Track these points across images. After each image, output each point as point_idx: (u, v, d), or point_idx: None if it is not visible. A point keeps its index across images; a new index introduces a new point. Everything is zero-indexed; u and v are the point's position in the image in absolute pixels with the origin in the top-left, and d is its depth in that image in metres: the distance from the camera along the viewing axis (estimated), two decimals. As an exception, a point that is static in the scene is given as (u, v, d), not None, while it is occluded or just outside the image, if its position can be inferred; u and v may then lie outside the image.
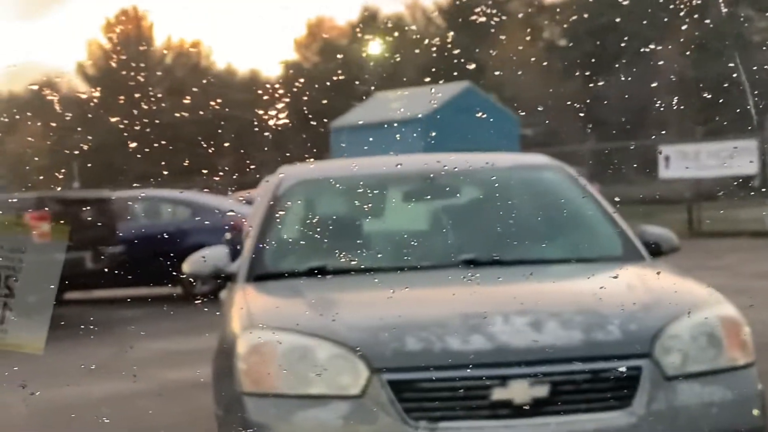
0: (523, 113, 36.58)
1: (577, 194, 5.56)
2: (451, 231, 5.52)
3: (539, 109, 39.19)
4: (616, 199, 5.92)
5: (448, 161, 6.21)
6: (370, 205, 5.72)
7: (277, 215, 5.38)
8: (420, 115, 31.11)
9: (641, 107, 33.38)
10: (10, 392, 7.13)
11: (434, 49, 50.82)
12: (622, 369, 4.00)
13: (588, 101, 37.81)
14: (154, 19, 53.96)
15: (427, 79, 41.89)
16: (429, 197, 5.89)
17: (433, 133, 27.11)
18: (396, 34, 53.96)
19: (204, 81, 52.32)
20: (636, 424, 3.91)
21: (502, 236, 5.24)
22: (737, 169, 23.02)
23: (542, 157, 6.43)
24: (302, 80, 51.82)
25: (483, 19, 53.12)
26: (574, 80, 42.83)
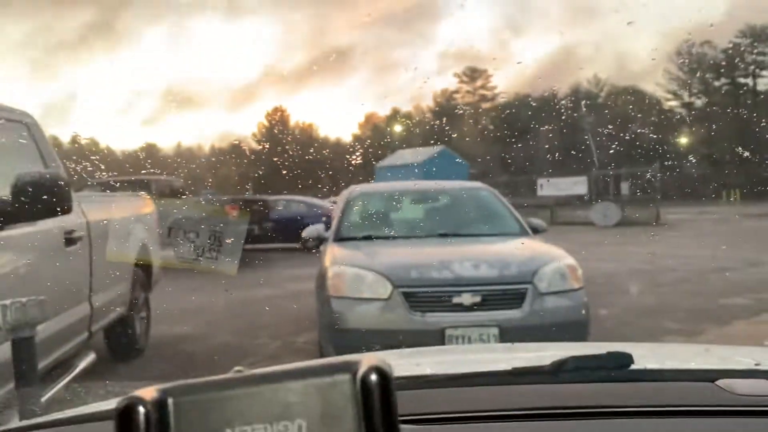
0: (471, 162, 37.08)
1: (497, 201, 5.72)
2: (433, 219, 5.62)
3: (478, 159, 39.77)
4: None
5: (433, 184, 6.49)
6: (394, 204, 5.98)
7: (346, 209, 5.53)
8: (420, 162, 31.77)
9: (528, 159, 34.57)
10: (219, 294, 7.50)
11: (427, 128, 51.76)
12: (518, 288, 4.19)
13: (503, 156, 38.41)
14: (290, 111, 57.20)
15: (422, 144, 42.86)
16: (423, 201, 6.02)
17: (426, 172, 27.76)
18: (408, 120, 55.32)
19: (316, 142, 54.35)
20: (524, 316, 4.09)
21: (459, 222, 5.42)
22: (577, 191, 25.13)
23: (480, 184, 6.52)
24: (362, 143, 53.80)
25: (450, 114, 54.14)
26: (497, 145, 43.44)
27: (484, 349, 2.32)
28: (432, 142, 42.34)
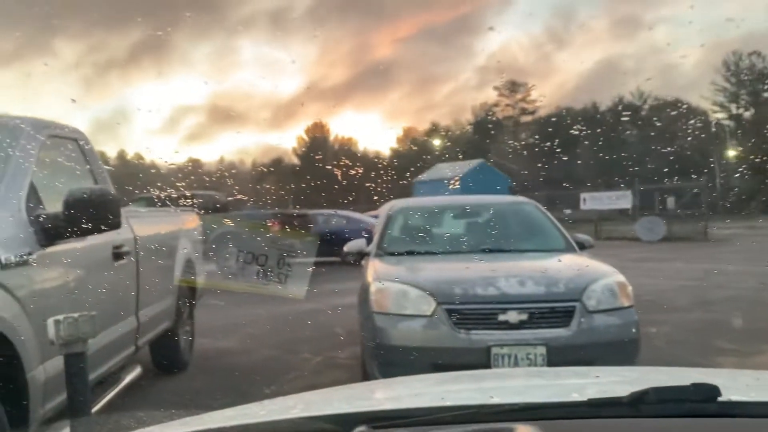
0: (510, 176, 36.84)
1: (541, 216, 5.61)
2: (476, 234, 5.53)
3: (518, 173, 39.53)
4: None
5: (475, 199, 6.42)
6: (437, 219, 5.93)
7: (388, 224, 5.48)
8: (459, 176, 31.75)
9: (569, 173, 34.34)
10: (261, 307, 7.52)
11: (466, 142, 51.74)
12: (566, 305, 4.08)
13: (544, 170, 38.06)
14: (330, 126, 58.22)
15: (461, 157, 42.74)
16: (466, 216, 5.93)
17: (466, 186, 27.66)
18: (447, 134, 55.42)
19: (355, 157, 55.09)
20: (572, 335, 3.98)
21: (503, 237, 5.32)
22: (620, 205, 24.16)
23: (523, 198, 6.42)
24: (402, 157, 54.21)
25: (490, 126, 54.06)
26: (538, 158, 43.23)
27: (537, 374, 2.22)
28: (471, 155, 42.21)
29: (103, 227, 2.95)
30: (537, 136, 51.70)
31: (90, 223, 2.87)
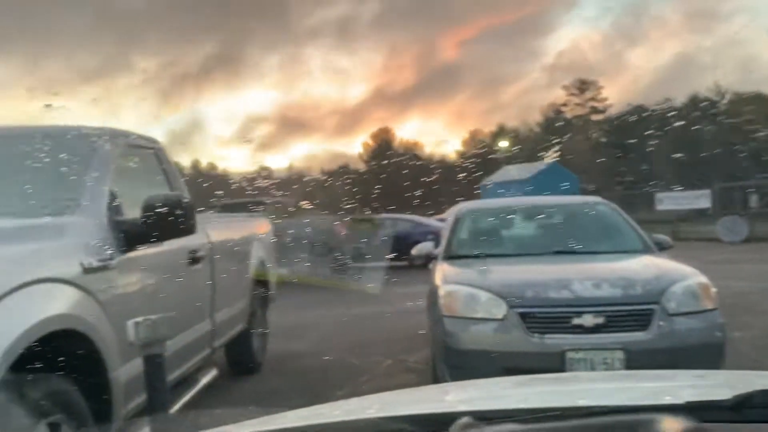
0: (581, 176, 35.89)
1: (617, 216, 5.44)
2: (548, 235, 5.42)
3: (589, 173, 38.46)
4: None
5: (546, 200, 6.27)
6: (506, 221, 5.81)
7: (456, 227, 5.43)
8: (527, 177, 31.16)
9: (643, 172, 33.11)
10: (330, 310, 7.56)
11: (534, 143, 50.89)
12: (644, 308, 3.93)
13: (616, 170, 36.90)
14: (396, 130, 59.33)
15: (528, 159, 42.13)
16: (537, 218, 5.78)
17: (535, 187, 27.10)
18: (514, 135, 54.72)
19: (420, 160, 54.71)
20: (652, 338, 3.83)
21: (576, 238, 5.14)
22: (699, 204, 23.44)
23: (598, 198, 6.22)
24: (467, 160, 53.97)
25: (559, 128, 53.08)
26: (609, 158, 41.96)
27: (620, 377, 2.12)
28: (539, 156, 41.42)
29: (179, 232, 3.03)
30: (608, 135, 50.30)
31: (167, 228, 2.95)
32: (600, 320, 3.88)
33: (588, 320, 3.88)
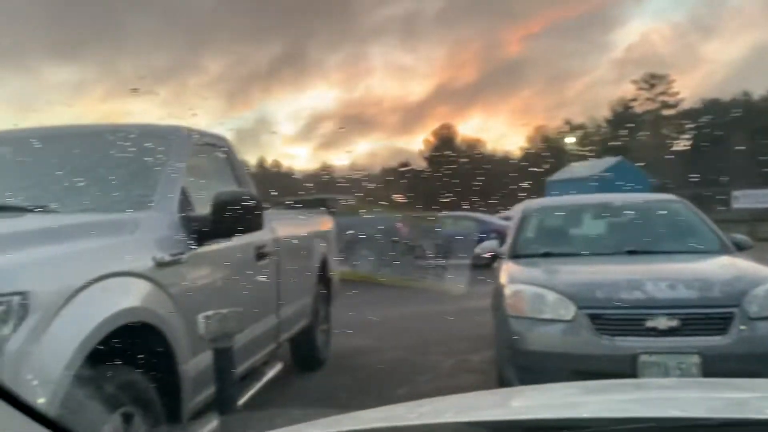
0: (652, 173, 34.63)
1: (692, 215, 5.22)
2: (619, 234, 5.23)
3: (660, 171, 37.07)
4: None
5: (617, 197, 6.06)
6: (575, 219, 5.66)
7: (523, 225, 5.32)
8: (595, 174, 30.38)
9: (717, 169, 31.73)
10: (391, 308, 7.50)
11: (602, 139, 49.55)
12: (723, 311, 3.74)
13: (689, 166, 35.49)
14: (458, 127, 59.21)
15: (596, 156, 41.07)
16: (607, 216, 5.60)
17: (602, 185, 26.28)
18: (581, 132, 53.50)
19: (483, 157, 54.65)
20: (731, 343, 3.65)
21: (649, 237, 4.99)
22: None
23: (672, 196, 5.98)
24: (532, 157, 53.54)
25: (628, 124, 51.51)
26: (681, 154, 40.42)
27: (700, 385, 2.00)
28: (607, 153, 40.26)
29: (247, 228, 3.07)
30: (680, 132, 48.49)
31: (235, 224, 2.99)
32: (675, 323, 3.72)
33: (662, 323, 3.72)
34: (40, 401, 1.91)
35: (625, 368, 3.62)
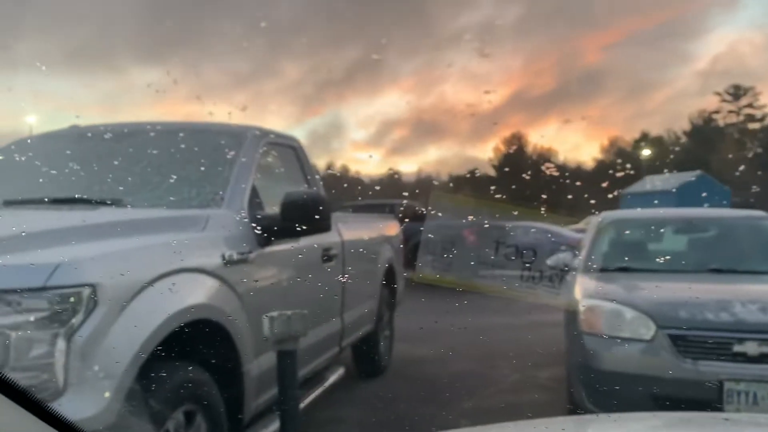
0: (734, 189, 33.04)
1: None
2: (703, 251, 4.94)
3: (743, 186, 35.29)
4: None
5: (700, 212, 5.75)
6: (655, 233, 5.40)
7: (599, 238, 5.09)
8: (673, 189, 29.26)
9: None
10: (457, 317, 7.38)
11: (681, 152, 47.83)
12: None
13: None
14: (530, 136, 57.82)
15: (673, 169, 39.58)
16: (689, 231, 5.31)
17: (680, 199, 25.19)
18: (659, 144, 51.94)
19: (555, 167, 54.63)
20: None
21: (737, 256, 4.69)
22: None
23: (760, 212, 5.53)
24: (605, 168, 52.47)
25: (709, 137, 49.62)
26: (764, 170, 38.49)
27: None
28: (686, 167, 38.65)
29: (315, 229, 3.04)
30: (766, 146, 46.13)
31: (304, 225, 2.96)
32: (766, 349, 3.46)
33: (752, 348, 3.46)
34: (106, 395, 1.91)
35: (709, 395, 3.39)
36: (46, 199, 2.87)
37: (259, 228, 2.94)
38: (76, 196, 2.92)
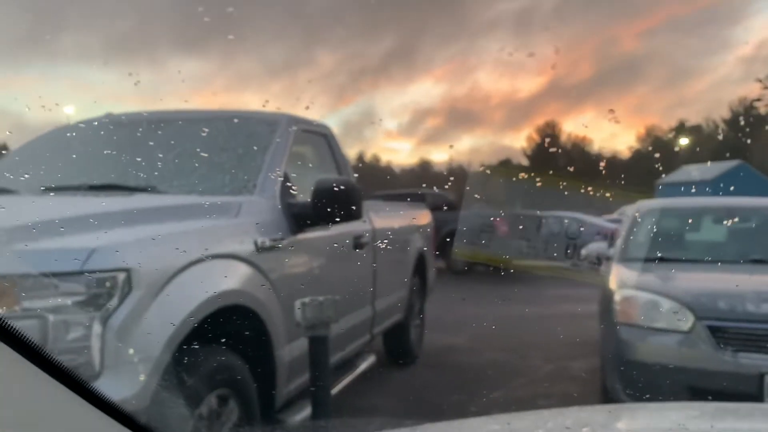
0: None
1: None
2: (744, 241, 4.83)
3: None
4: None
5: (742, 201, 5.60)
6: (693, 223, 5.27)
7: (636, 227, 4.99)
8: (711, 179, 28.61)
9: None
10: (488, 307, 7.29)
11: (720, 141, 46.64)
12: None
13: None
14: (564, 124, 57.23)
15: (712, 159, 38.52)
16: (729, 221, 5.15)
17: (718, 190, 24.61)
18: (697, 133, 50.75)
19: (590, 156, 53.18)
20: None
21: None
22: None
23: None
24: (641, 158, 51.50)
25: (751, 125, 48.11)
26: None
27: None
28: (725, 156, 37.67)
29: (346, 217, 3.03)
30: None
31: (335, 212, 2.96)
32: None
33: None
34: (141, 378, 1.94)
35: (749, 388, 3.32)
36: (83, 186, 2.91)
37: (291, 215, 2.95)
38: (112, 183, 2.95)
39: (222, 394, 2.28)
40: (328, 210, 2.95)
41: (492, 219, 12.69)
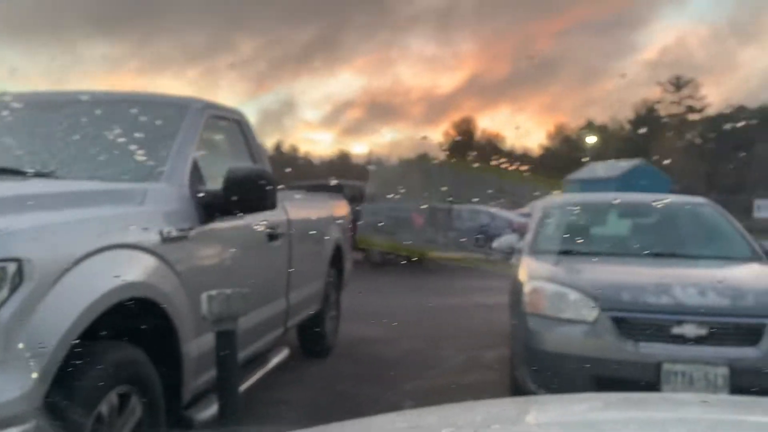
0: (673, 178, 34.26)
1: (723, 220, 5.02)
2: (645, 235, 5.05)
3: (681, 175, 36.54)
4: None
5: (644, 197, 5.88)
6: (599, 217, 5.49)
7: (544, 221, 5.14)
8: (615, 176, 30.14)
9: (740, 177, 31.32)
10: (404, 298, 7.31)
11: (624, 141, 49.12)
12: (755, 321, 3.56)
13: (711, 173, 35.00)
14: (479, 121, 59.19)
15: (616, 157, 40.63)
16: (633, 216, 5.43)
17: (622, 186, 26.02)
18: (603, 132, 53.07)
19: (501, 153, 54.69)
20: (763, 356, 3.46)
21: (677, 240, 4.83)
22: None
23: (702, 199, 5.69)
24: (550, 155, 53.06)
25: (651, 126, 51.03)
26: (704, 160, 40.00)
27: (737, 405, 1.83)
28: (629, 155, 39.78)
29: (259, 206, 2.95)
30: (704, 137, 47.90)
31: (248, 201, 2.88)
32: (703, 331, 3.55)
33: (690, 330, 3.56)
34: (32, 375, 1.81)
35: (648, 376, 3.48)
36: (-30, 169, 2.69)
37: (200, 204, 2.84)
38: (4, 166, 2.75)
39: (123, 391, 2.16)
40: (240, 199, 2.86)
41: (407, 212, 12.83)
